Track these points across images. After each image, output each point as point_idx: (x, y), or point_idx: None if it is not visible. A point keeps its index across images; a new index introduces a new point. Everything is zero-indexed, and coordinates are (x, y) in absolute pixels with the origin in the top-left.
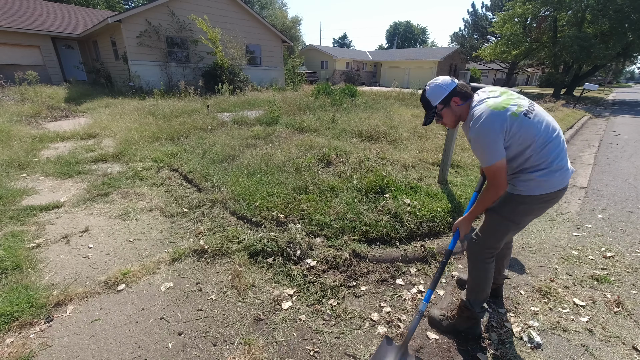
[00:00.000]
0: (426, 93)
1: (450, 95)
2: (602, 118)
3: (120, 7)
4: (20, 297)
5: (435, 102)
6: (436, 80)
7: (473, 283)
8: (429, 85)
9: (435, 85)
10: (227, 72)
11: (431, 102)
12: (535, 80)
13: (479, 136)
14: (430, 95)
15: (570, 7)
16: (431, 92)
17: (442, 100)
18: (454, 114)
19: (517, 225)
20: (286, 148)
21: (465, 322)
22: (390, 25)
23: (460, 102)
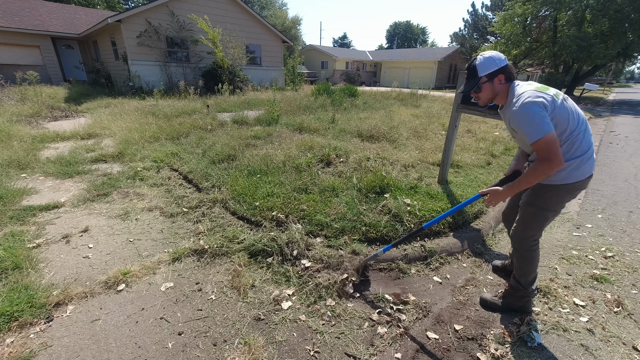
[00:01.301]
0: (476, 61)
1: (498, 71)
2: (602, 118)
3: (120, 7)
4: (20, 297)
5: (482, 73)
6: (490, 53)
7: (522, 268)
8: (482, 55)
9: (489, 57)
10: (227, 72)
11: (478, 72)
12: (535, 80)
13: (527, 110)
14: (480, 65)
15: (570, 7)
16: (482, 63)
17: (489, 73)
18: (493, 91)
19: (555, 213)
20: (286, 148)
21: (519, 300)
22: (390, 25)
23: (503, 81)
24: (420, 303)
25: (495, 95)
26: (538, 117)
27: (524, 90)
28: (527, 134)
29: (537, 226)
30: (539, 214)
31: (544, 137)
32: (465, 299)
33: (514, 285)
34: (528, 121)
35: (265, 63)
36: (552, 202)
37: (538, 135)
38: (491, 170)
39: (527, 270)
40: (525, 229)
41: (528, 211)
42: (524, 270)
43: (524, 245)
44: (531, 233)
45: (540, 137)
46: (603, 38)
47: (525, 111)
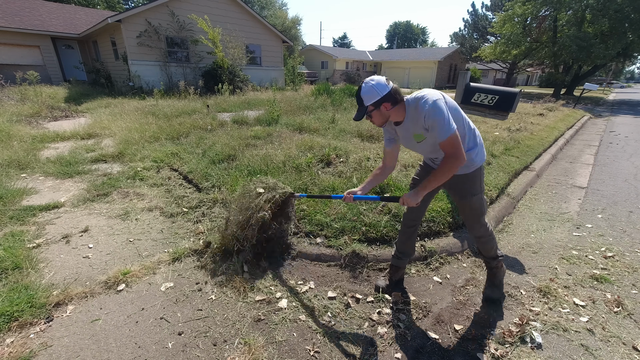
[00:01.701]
0: (361, 92)
1: (382, 100)
2: (602, 118)
3: (120, 7)
4: (20, 297)
5: (367, 103)
6: (372, 81)
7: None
8: (365, 83)
9: (370, 87)
10: (227, 72)
11: (364, 102)
12: (535, 80)
13: (434, 111)
14: (364, 95)
15: (570, 7)
16: (365, 93)
17: (373, 102)
18: (383, 117)
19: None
20: (286, 148)
21: (502, 268)
22: (390, 25)
23: (389, 107)
24: (420, 303)
25: (387, 119)
26: (446, 116)
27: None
28: (438, 134)
29: (484, 208)
30: (481, 197)
31: (452, 134)
32: (465, 299)
33: (493, 264)
34: (437, 121)
35: (265, 63)
36: (481, 183)
37: (448, 133)
38: (491, 170)
39: (493, 245)
40: (480, 216)
41: (474, 201)
42: (492, 246)
43: (485, 230)
44: (483, 217)
45: (449, 134)
46: (603, 38)
47: (433, 111)
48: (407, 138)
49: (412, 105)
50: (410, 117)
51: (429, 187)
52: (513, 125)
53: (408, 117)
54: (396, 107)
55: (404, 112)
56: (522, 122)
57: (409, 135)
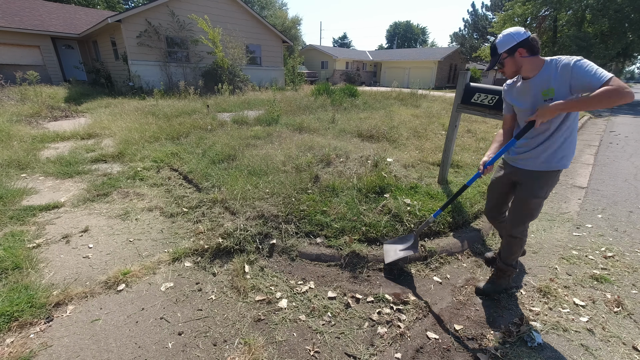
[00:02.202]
0: (497, 40)
1: (517, 45)
2: (602, 118)
3: (120, 7)
4: (20, 297)
5: (501, 50)
6: (509, 30)
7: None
8: (502, 33)
9: (507, 34)
10: (227, 72)
11: (497, 49)
12: None
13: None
14: (499, 42)
15: (570, 7)
16: (501, 40)
17: (508, 49)
18: (516, 65)
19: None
20: (286, 148)
21: (508, 279)
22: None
23: (525, 54)
24: (420, 303)
25: (519, 68)
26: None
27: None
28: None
29: (537, 214)
30: (541, 203)
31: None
32: (465, 299)
33: (504, 268)
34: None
35: (265, 63)
36: (549, 190)
37: (606, 77)
38: None
39: (518, 251)
40: (529, 219)
41: (534, 203)
42: (516, 252)
43: (524, 233)
44: (531, 221)
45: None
46: (603, 38)
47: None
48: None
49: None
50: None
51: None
52: None
53: (544, 72)
54: (532, 57)
55: (539, 68)
56: None
57: (537, 92)
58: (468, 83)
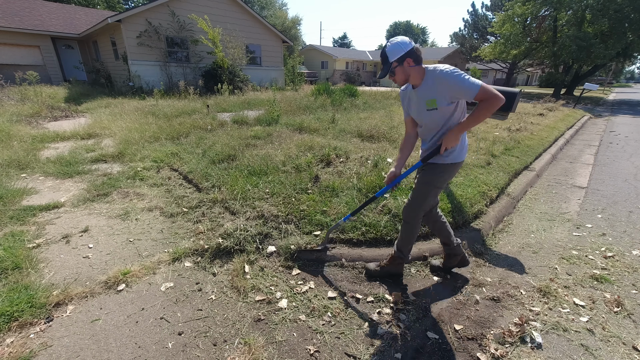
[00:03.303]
0: (386, 49)
1: (406, 55)
2: (602, 118)
3: (120, 7)
4: (20, 297)
5: (392, 59)
6: (396, 39)
7: (408, 239)
8: (390, 42)
9: (396, 43)
10: (227, 72)
11: (388, 58)
12: (535, 80)
13: (453, 72)
14: (389, 51)
15: (570, 7)
16: (390, 49)
17: (398, 58)
18: (405, 74)
19: (440, 189)
20: (286, 148)
21: (398, 267)
22: (390, 25)
23: (412, 64)
24: (420, 303)
25: (407, 77)
26: (466, 75)
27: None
28: (467, 90)
29: (430, 201)
30: (434, 191)
31: (481, 86)
32: (465, 299)
33: (396, 256)
34: (460, 79)
35: (265, 63)
36: (444, 180)
37: (477, 86)
38: (491, 170)
39: (411, 239)
40: (420, 205)
41: (426, 189)
42: (409, 240)
43: (416, 219)
44: (423, 209)
45: (479, 86)
46: (603, 38)
47: (453, 72)
48: (419, 104)
49: (429, 73)
50: (426, 82)
51: (469, 126)
52: (513, 125)
53: (425, 83)
54: (417, 66)
55: (423, 76)
56: (522, 122)
57: (421, 102)
58: None
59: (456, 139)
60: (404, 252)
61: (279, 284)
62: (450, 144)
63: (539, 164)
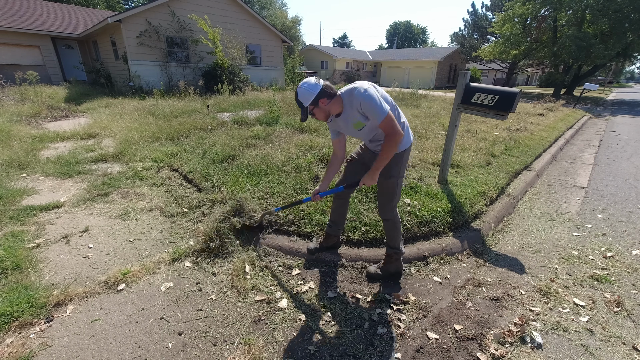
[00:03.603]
0: (298, 96)
1: (317, 97)
2: (602, 118)
3: (120, 7)
4: (20, 297)
5: (306, 104)
6: (304, 84)
7: (394, 235)
8: (299, 87)
9: (304, 89)
10: (227, 72)
11: (303, 104)
12: (535, 80)
13: (366, 97)
14: (302, 98)
15: (570, 7)
16: (301, 95)
17: (311, 102)
18: (324, 112)
19: (403, 177)
20: (286, 148)
21: (397, 263)
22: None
23: (327, 102)
24: (420, 303)
25: (328, 112)
26: (378, 99)
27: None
28: (376, 116)
29: (399, 193)
30: (398, 182)
31: (388, 114)
32: (465, 299)
33: (390, 252)
34: (372, 105)
35: (265, 63)
36: (401, 168)
37: (384, 113)
38: (491, 170)
39: (398, 233)
40: (392, 200)
41: (390, 183)
42: (396, 235)
43: (394, 213)
44: (395, 201)
45: (385, 114)
46: (603, 38)
47: (367, 97)
48: (348, 128)
49: (347, 97)
50: (347, 107)
51: (381, 166)
52: (513, 125)
53: (346, 108)
54: (332, 100)
55: (342, 104)
56: (522, 122)
57: (349, 125)
58: (468, 83)
59: (374, 180)
60: (397, 246)
61: (279, 284)
62: (370, 182)
63: (539, 164)
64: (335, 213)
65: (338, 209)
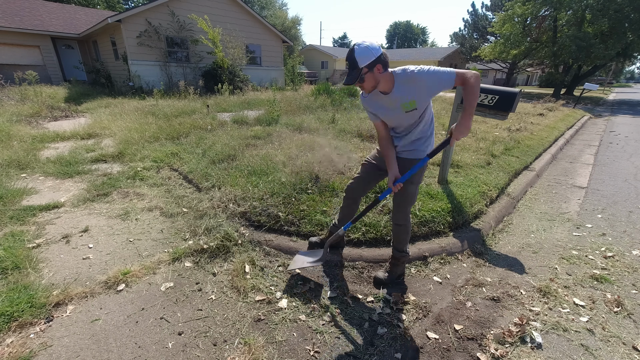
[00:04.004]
0: (355, 53)
1: (376, 61)
2: (602, 118)
3: (120, 7)
4: (20, 297)
5: (362, 64)
6: (365, 43)
7: (405, 239)
8: (358, 45)
9: (365, 48)
10: (227, 72)
11: (358, 64)
12: (535, 80)
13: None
14: (359, 56)
15: (570, 7)
16: (360, 54)
17: (368, 64)
18: (375, 80)
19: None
20: (286, 148)
21: (402, 266)
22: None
23: (382, 70)
24: (420, 303)
25: (377, 83)
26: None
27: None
28: (446, 81)
29: (415, 199)
30: (416, 188)
31: (456, 72)
32: (465, 299)
33: (398, 256)
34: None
35: (265, 63)
36: (423, 173)
37: (453, 73)
38: (491, 170)
39: (407, 238)
40: (410, 204)
41: (413, 189)
42: (406, 239)
43: (408, 218)
44: (411, 205)
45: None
46: (603, 38)
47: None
48: (393, 109)
49: (402, 77)
50: (402, 86)
51: (473, 110)
52: (513, 125)
53: (399, 87)
54: (386, 73)
55: (392, 83)
56: (522, 122)
57: (396, 106)
58: None
59: (468, 128)
60: (406, 249)
61: (279, 284)
62: (464, 134)
63: (539, 164)
64: (344, 212)
65: (347, 208)
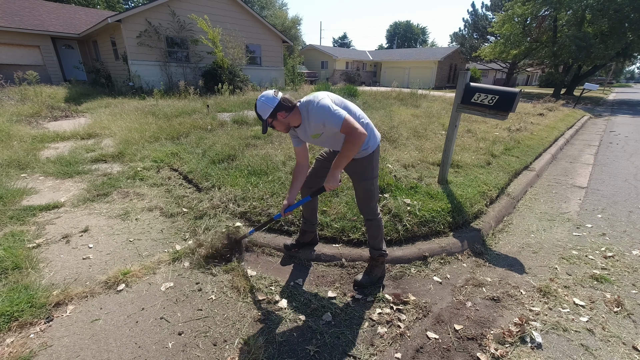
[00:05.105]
0: (257, 109)
1: (276, 109)
2: (602, 118)
3: (120, 7)
4: (20, 297)
5: (264, 117)
6: (262, 98)
7: (377, 235)
8: (258, 100)
9: (262, 103)
10: (227, 72)
11: (262, 117)
12: (535, 80)
13: (322, 109)
14: (260, 110)
15: (570, 7)
16: (260, 108)
17: (269, 115)
18: (283, 124)
19: (377, 176)
20: (286, 148)
21: (382, 266)
22: (390, 25)
23: (285, 115)
24: (420, 303)
25: (288, 125)
26: (332, 107)
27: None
28: (334, 124)
29: (376, 193)
30: (373, 183)
31: (345, 117)
32: (465, 298)
33: (376, 256)
34: (327, 115)
35: (265, 63)
36: (374, 169)
37: (341, 118)
38: (491, 170)
39: (380, 234)
40: (372, 200)
41: (366, 185)
42: (378, 235)
43: (375, 214)
44: (375, 201)
45: (342, 118)
46: (603, 38)
47: (321, 109)
48: (307, 138)
49: (304, 109)
50: (305, 119)
51: (342, 165)
52: (513, 125)
53: (304, 120)
54: (291, 113)
55: (300, 116)
56: (522, 122)
57: (308, 135)
58: (468, 83)
59: (336, 180)
60: (382, 247)
61: (279, 284)
62: (333, 185)
63: (539, 164)
64: (305, 210)
65: (307, 206)
